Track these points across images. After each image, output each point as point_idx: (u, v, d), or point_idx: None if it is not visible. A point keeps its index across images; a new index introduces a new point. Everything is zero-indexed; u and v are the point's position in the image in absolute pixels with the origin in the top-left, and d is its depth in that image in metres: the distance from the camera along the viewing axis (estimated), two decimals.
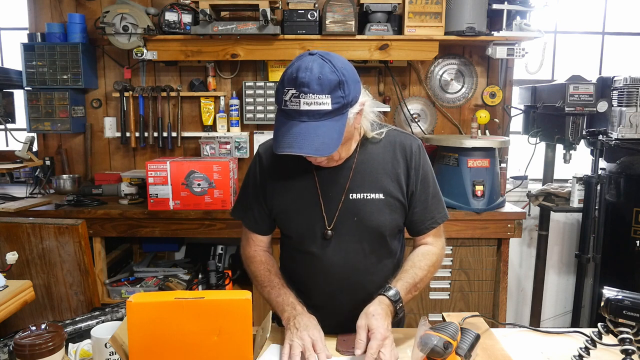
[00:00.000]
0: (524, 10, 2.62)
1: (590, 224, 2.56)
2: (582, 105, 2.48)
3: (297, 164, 1.26)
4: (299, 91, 1.05)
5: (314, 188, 1.27)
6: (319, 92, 1.05)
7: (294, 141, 1.07)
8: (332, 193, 1.27)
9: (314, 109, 1.06)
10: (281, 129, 1.09)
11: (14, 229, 1.90)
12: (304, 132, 1.07)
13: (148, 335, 0.90)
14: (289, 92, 1.07)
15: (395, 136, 1.30)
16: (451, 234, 2.44)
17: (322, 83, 1.05)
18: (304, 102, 1.06)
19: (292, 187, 1.29)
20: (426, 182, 1.29)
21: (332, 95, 1.07)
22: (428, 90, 2.95)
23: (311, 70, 1.05)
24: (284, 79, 1.09)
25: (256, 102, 2.81)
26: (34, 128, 2.80)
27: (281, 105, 1.09)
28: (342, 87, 1.08)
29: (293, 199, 1.30)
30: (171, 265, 2.84)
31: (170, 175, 2.41)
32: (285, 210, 1.31)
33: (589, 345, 1.04)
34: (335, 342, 1.22)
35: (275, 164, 1.32)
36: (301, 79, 1.05)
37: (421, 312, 2.54)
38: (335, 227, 1.26)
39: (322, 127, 1.07)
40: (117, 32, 2.58)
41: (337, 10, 2.56)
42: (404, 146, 1.28)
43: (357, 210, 1.26)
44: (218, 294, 0.94)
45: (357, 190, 1.26)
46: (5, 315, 1.38)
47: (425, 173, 1.29)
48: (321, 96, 1.06)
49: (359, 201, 1.26)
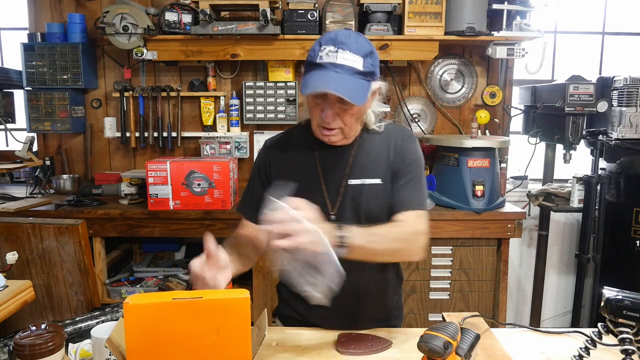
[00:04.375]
0: (524, 10, 2.62)
1: (590, 224, 2.56)
2: (582, 105, 2.48)
3: (303, 150, 1.34)
4: (338, 47, 1.15)
5: (316, 174, 1.32)
6: (355, 51, 1.16)
7: (329, 82, 1.14)
8: (334, 179, 1.31)
9: (349, 64, 1.15)
10: (314, 76, 1.16)
11: (14, 229, 1.90)
12: (337, 79, 1.14)
13: (146, 337, 0.89)
14: (326, 48, 1.16)
15: (392, 129, 1.37)
16: (451, 234, 2.44)
17: (358, 46, 1.17)
18: (341, 56, 1.15)
19: (296, 174, 1.33)
20: (409, 167, 1.30)
21: (365, 59, 1.17)
22: (428, 90, 2.95)
23: (350, 36, 1.18)
24: (320, 41, 1.18)
25: (256, 102, 2.81)
26: (34, 128, 2.80)
27: (315, 59, 1.17)
28: (372, 57, 1.20)
29: (297, 185, 1.31)
30: (171, 265, 2.84)
31: (170, 175, 2.41)
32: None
33: (589, 345, 1.04)
34: (336, 342, 1.22)
35: (281, 155, 1.37)
36: (341, 38, 1.16)
37: (421, 312, 2.54)
38: (337, 212, 1.30)
39: (353, 80, 1.16)
40: (117, 32, 2.58)
41: (337, 10, 2.56)
42: (399, 136, 1.34)
43: (355, 196, 1.30)
44: (216, 293, 0.94)
45: (356, 176, 1.30)
46: (5, 315, 1.38)
47: (410, 159, 1.31)
48: (356, 55, 1.16)
49: (358, 187, 1.30)
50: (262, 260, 2.43)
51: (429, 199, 2.53)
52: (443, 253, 2.49)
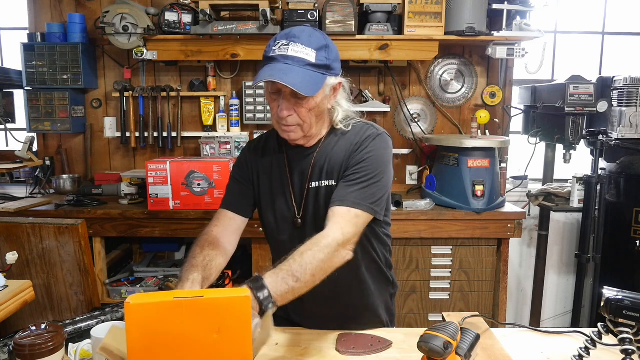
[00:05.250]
0: (524, 10, 2.62)
1: (590, 224, 2.56)
2: (582, 105, 2.48)
3: (275, 153, 1.34)
4: (290, 41, 1.16)
5: (285, 177, 1.32)
6: (307, 44, 1.17)
7: (276, 73, 1.14)
8: (299, 181, 1.31)
9: (300, 56, 1.16)
10: (265, 68, 1.18)
11: (14, 229, 1.90)
12: (287, 70, 1.14)
13: (147, 336, 0.89)
14: (279, 42, 1.18)
15: (358, 129, 1.29)
16: (451, 234, 2.44)
17: (311, 40, 1.17)
18: (292, 49, 1.16)
19: (269, 178, 1.35)
20: (359, 165, 1.22)
21: (317, 52, 1.17)
22: (428, 90, 2.95)
23: (304, 30, 1.19)
24: (276, 37, 1.20)
25: (256, 102, 2.81)
26: (34, 128, 2.80)
27: (269, 54, 1.19)
28: (327, 50, 1.19)
29: (269, 188, 1.35)
30: (171, 265, 2.84)
31: (170, 175, 2.41)
32: (262, 199, 1.36)
33: (589, 345, 1.04)
34: (336, 342, 1.22)
35: (257, 158, 1.38)
36: (294, 32, 1.18)
37: (421, 312, 2.54)
38: (302, 216, 1.30)
39: (304, 72, 1.16)
40: (117, 32, 2.58)
41: (337, 10, 2.56)
42: (361, 135, 1.27)
43: (316, 199, 1.29)
44: (217, 293, 0.94)
45: (315, 178, 1.29)
46: (5, 315, 1.38)
47: (362, 158, 1.23)
48: (308, 48, 1.17)
49: (318, 189, 1.29)
50: (264, 261, 2.44)
51: (429, 199, 2.53)
52: (443, 253, 2.49)
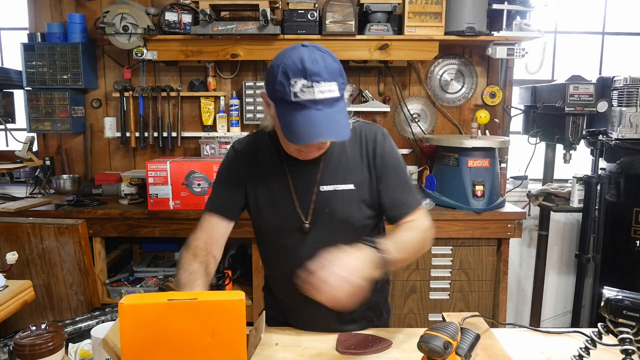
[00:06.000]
0: (524, 10, 2.62)
1: (590, 224, 2.56)
2: (582, 105, 2.48)
3: (270, 159, 1.29)
4: (312, 80, 1.06)
5: (286, 183, 1.28)
6: (328, 79, 1.08)
7: (322, 129, 1.08)
8: (305, 186, 1.27)
9: (328, 96, 1.08)
10: (299, 120, 1.08)
11: (14, 229, 1.91)
12: (325, 120, 1.08)
13: (141, 337, 0.89)
14: (297, 83, 1.06)
15: (359, 127, 1.31)
16: (451, 234, 2.44)
17: (329, 71, 1.08)
18: (318, 90, 1.06)
19: (266, 183, 1.30)
20: (394, 168, 1.29)
21: (337, 82, 1.10)
22: (428, 90, 2.95)
23: (317, 61, 1.07)
24: (286, 72, 1.07)
25: (256, 102, 2.81)
26: (34, 128, 2.80)
27: (289, 97, 1.07)
28: (341, 74, 1.12)
29: (267, 194, 1.30)
30: (171, 265, 2.84)
31: (170, 175, 2.41)
32: (258, 205, 1.31)
33: (589, 345, 1.04)
34: (335, 342, 1.22)
35: (249, 159, 1.33)
36: (311, 69, 1.06)
37: (421, 312, 2.54)
38: (311, 220, 1.27)
39: (336, 113, 1.10)
40: (117, 32, 2.58)
41: (337, 10, 2.56)
42: (369, 136, 1.30)
43: (328, 203, 1.26)
44: (211, 295, 0.94)
45: (328, 182, 1.27)
46: (5, 315, 1.38)
47: (393, 160, 1.30)
48: (331, 83, 1.08)
49: (330, 193, 1.26)
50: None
51: (429, 199, 2.53)
52: (443, 253, 2.49)
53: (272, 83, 1.10)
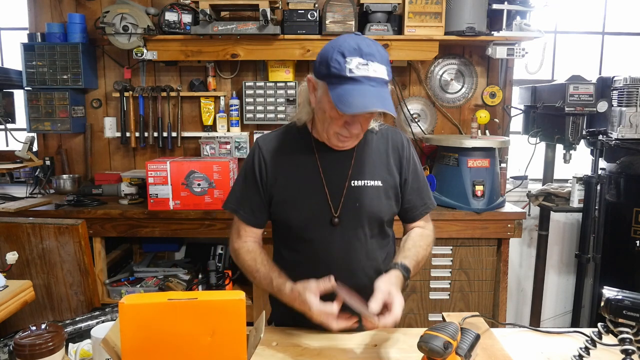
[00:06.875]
0: (524, 10, 2.62)
1: (590, 224, 2.56)
2: (582, 105, 2.48)
3: (301, 153, 1.34)
4: (367, 59, 1.14)
5: (317, 176, 1.32)
6: (380, 62, 1.16)
7: (373, 100, 1.13)
8: (336, 180, 1.32)
9: (379, 76, 1.16)
10: (351, 92, 1.14)
11: (14, 229, 1.91)
12: (377, 94, 1.15)
13: (141, 337, 0.89)
14: (353, 60, 1.13)
15: (386, 130, 1.41)
16: (451, 234, 2.44)
17: (382, 56, 1.17)
18: (372, 69, 1.14)
19: (295, 176, 1.33)
20: (417, 172, 1.41)
21: (387, 68, 1.18)
22: (428, 90, 2.95)
23: (370, 45, 1.16)
24: (342, 52, 1.14)
25: (256, 102, 2.81)
26: (34, 128, 2.80)
27: (344, 72, 1.14)
28: (389, 63, 1.20)
29: (297, 187, 1.33)
30: (171, 265, 2.84)
31: (170, 175, 2.41)
32: (287, 199, 1.34)
33: (589, 345, 1.04)
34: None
35: (275, 155, 1.35)
36: (367, 50, 1.14)
37: (421, 312, 2.54)
38: (340, 214, 1.31)
39: (385, 92, 1.18)
40: (117, 32, 2.58)
41: (337, 10, 2.56)
42: (396, 140, 1.40)
43: (358, 197, 1.32)
44: (211, 295, 0.94)
45: (358, 177, 1.33)
46: (5, 315, 1.38)
47: (415, 164, 1.41)
48: (382, 66, 1.16)
49: (360, 188, 1.32)
50: None
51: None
52: (443, 253, 2.49)
53: (327, 61, 1.16)
